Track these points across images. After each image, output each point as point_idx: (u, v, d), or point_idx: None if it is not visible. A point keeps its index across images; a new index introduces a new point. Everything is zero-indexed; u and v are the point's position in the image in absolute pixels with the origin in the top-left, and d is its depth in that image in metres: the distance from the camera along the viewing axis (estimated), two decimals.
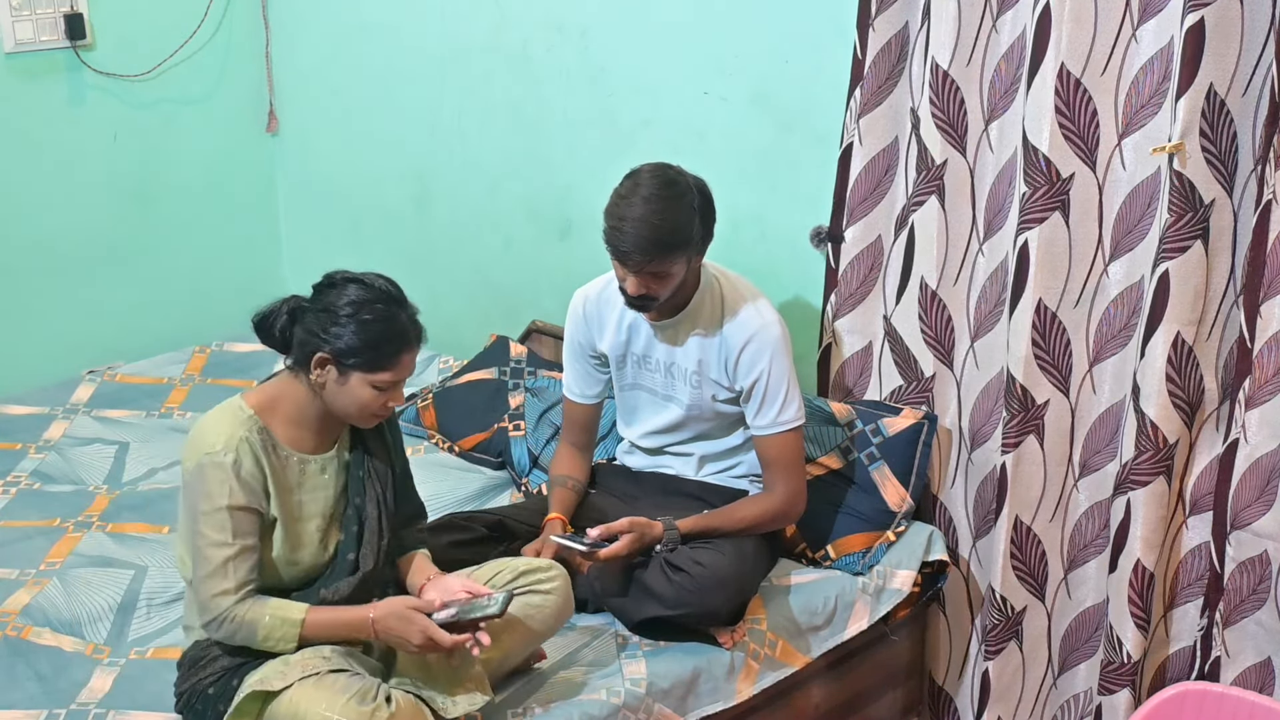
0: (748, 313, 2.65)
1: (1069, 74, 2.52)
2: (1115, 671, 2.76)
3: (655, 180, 2.53)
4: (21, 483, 3.19)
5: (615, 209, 2.52)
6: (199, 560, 2.21)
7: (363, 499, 2.32)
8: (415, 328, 2.25)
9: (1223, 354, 2.59)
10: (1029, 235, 2.62)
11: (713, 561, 2.54)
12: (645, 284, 2.54)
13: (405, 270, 4.02)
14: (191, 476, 2.21)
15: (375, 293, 2.21)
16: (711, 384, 2.69)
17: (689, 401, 2.72)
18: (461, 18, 3.65)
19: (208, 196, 4.16)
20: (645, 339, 2.73)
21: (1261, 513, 2.53)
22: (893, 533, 2.85)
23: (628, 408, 2.85)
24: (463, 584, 2.30)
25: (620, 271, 2.56)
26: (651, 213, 2.48)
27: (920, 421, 2.89)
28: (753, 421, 2.67)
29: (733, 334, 2.64)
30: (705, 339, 2.67)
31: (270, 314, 2.24)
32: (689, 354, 2.69)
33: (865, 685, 2.95)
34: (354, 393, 2.21)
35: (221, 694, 2.24)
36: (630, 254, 2.49)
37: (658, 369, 2.74)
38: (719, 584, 2.53)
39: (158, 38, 3.92)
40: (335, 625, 2.24)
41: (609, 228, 2.52)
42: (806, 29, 2.98)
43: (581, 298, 2.80)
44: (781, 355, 2.64)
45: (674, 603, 2.52)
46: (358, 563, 2.31)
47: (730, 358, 2.64)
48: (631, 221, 2.48)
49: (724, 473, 2.80)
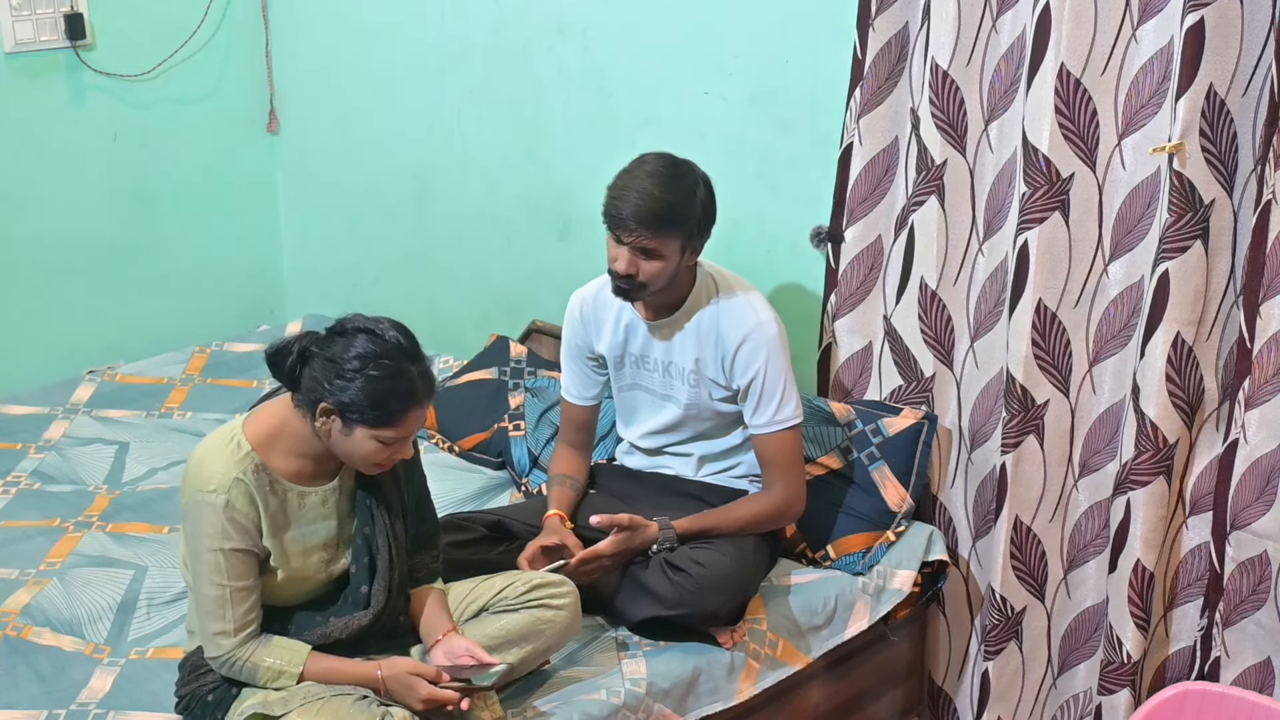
0: (743, 311, 2.65)
1: (1069, 74, 2.52)
2: (1115, 671, 2.76)
3: (662, 160, 2.57)
4: (21, 483, 3.19)
5: (618, 181, 2.55)
6: (197, 592, 2.21)
7: (372, 529, 2.29)
8: (426, 384, 2.17)
9: (1223, 354, 2.59)
10: (1029, 235, 2.62)
11: (712, 561, 2.54)
12: (635, 263, 2.53)
13: (405, 270, 4.08)
14: (188, 509, 2.20)
15: (385, 346, 2.13)
16: (709, 383, 2.69)
17: (687, 400, 2.72)
18: (461, 17, 3.65)
19: (208, 196, 4.15)
20: (642, 339, 2.73)
21: (1261, 513, 2.53)
22: (893, 533, 2.85)
23: (626, 408, 2.84)
24: (468, 647, 2.28)
25: (613, 251, 2.56)
26: (654, 185, 2.51)
27: (920, 421, 2.89)
28: (750, 420, 2.67)
29: (729, 332, 2.64)
30: (702, 337, 2.67)
31: (283, 349, 2.17)
32: (686, 353, 2.68)
33: (865, 685, 2.95)
34: (358, 445, 2.16)
35: (221, 701, 2.25)
36: (626, 221, 2.50)
37: (655, 368, 2.74)
38: (719, 584, 2.53)
39: (158, 38, 3.92)
40: (339, 676, 2.22)
41: (609, 198, 2.54)
42: (806, 29, 2.98)
43: (579, 300, 2.80)
44: (778, 353, 2.64)
45: (673, 603, 2.52)
46: (370, 597, 2.29)
47: (727, 356, 2.64)
48: (633, 191, 2.51)
49: (724, 473, 2.80)
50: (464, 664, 2.24)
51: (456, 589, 2.43)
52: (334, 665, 2.23)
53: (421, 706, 2.19)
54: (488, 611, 2.39)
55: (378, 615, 2.29)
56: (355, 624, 2.28)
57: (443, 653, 2.29)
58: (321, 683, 2.21)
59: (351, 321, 2.17)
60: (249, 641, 2.20)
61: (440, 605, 2.36)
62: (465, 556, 2.54)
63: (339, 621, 2.28)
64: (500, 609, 2.38)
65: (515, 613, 2.37)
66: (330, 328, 2.19)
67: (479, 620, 2.38)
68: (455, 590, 2.42)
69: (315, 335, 2.18)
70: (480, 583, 2.44)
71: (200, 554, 2.17)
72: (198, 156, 4.11)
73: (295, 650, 2.22)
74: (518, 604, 2.38)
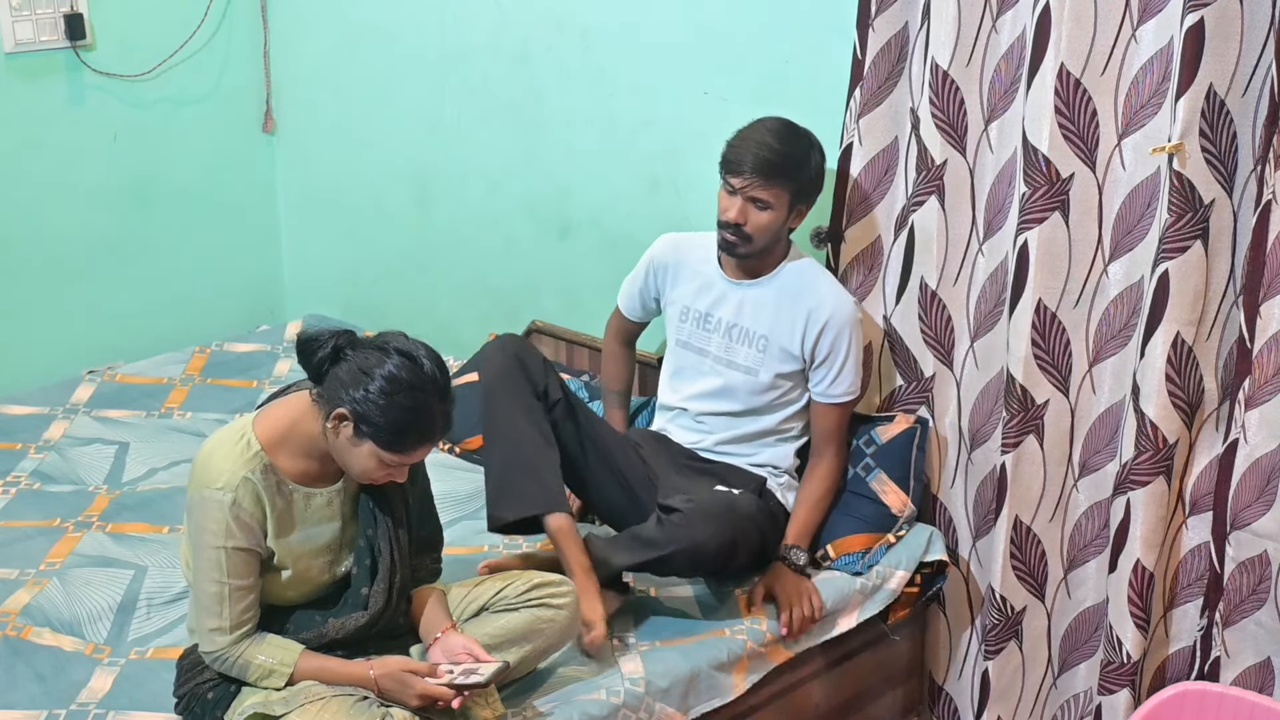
0: (833, 286, 2.81)
1: (1069, 74, 2.52)
2: (1115, 671, 2.76)
3: (781, 121, 2.71)
4: (21, 483, 3.19)
5: (738, 133, 2.70)
6: (196, 588, 2.21)
7: (375, 531, 2.29)
8: (445, 424, 2.16)
9: (1222, 354, 2.59)
10: (1029, 235, 2.62)
11: (702, 498, 2.62)
12: (746, 211, 2.66)
13: (405, 270, 4.08)
14: (193, 504, 2.20)
15: (419, 376, 2.11)
16: (779, 351, 2.77)
17: (748, 365, 2.79)
18: (461, 18, 3.65)
19: (207, 196, 4.15)
20: (714, 297, 2.82)
21: (1261, 513, 2.53)
22: (893, 535, 2.86)
23: (674, 366, 2.92)
24: (465, 644, 2.28)
25: (724, 202, 2.68)
26: (772, 138, 2.66)
27: (912, 427, 2.90)
28: (826, 390, 2.80)
29: (821, 303, 2.76)
30: (785, 306, 2.77)
31: (316, 339, 2.15)
32: (760, 319, 2.78)
33: (865, 685, 2.95)
34: (361, 458, 2.15)
35: (220, 699, 2.25)
36: (742, 166, 2.64)
37: (717, 329, 2.82)
38: (710, 516, 2.58)
39: (158, 38, 3.92)
40: (330, 675, 2.22)
41: (728, 147, 2.68)
42: (806, 29, 2.98)
43: (668, 243, 2.93)
44: (860, 331, 2.82)
45: (664, 541, 2.56)
46: (369, 599, 2.29)
47: (814, 325, 2.75)
48: (752, 141, 2.66)
49: (742, 458, 2.85)
50: (462, 661, 2.24)
51: (456, 589, 2.43)
52: (326, 665, 2.23)
53: (417, 703, 2.19)
54: (488, 611, 2.39)
55: (376, 617, 2.29)
56: (352, 624, 2.28)
57: (441, 651, 2.29)
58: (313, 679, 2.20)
59: (394, 340, 2.15)
60: (243, 640, 2.20)
61: (439, 605, 2.36)
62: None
63: (336, 622, 2.28)
64: (500, 608, 2.38)
65: (515, 612, 2.37)
66: (371, 337, 2.18)
67: (479, 619, 2.38)
68: (455, 590, 2.43)
69: (352, 336, 2.16)
70: (480, 582, 2.44)
71: (202, 549, 2.17)
72: (198, 157, 4.11)
73: (287, 649, 2.22)
74: (518, 603, 2.38)
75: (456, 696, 2.18)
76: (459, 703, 2.19)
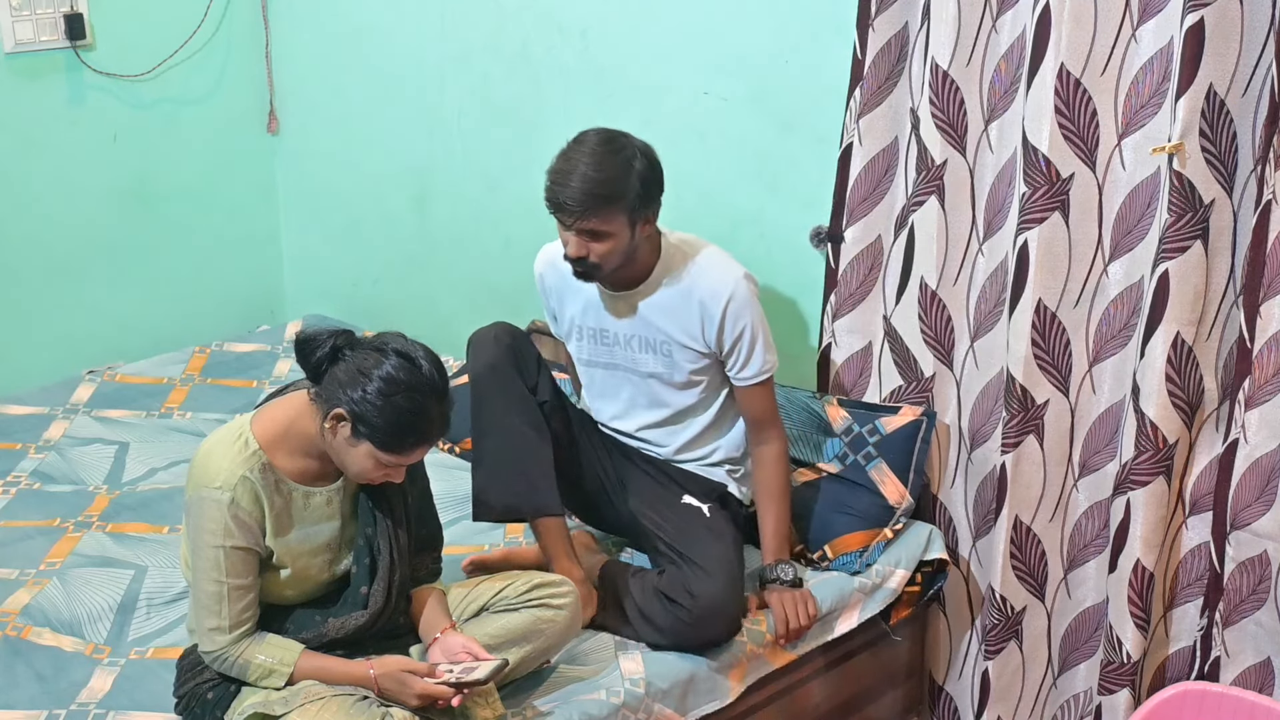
0: (719, 271, 2.65)
1: (1069, 74, 2.52)
2: (1115, 671, 2.76)
3: (597, 137, 2.55)
4: (21, 483, 3.19)
5: (555, 165, 2.54)
6: (195, 587, 2.21)
7: (374, 530, 2.29)
8: (442, 425, 2.17)
9: (1222, 354, 2.59)
10: (1029, 235, 2.62)
11: (705, 591, 2.53)
12: (585, 245, 2.53)
13: (405, 270, 4.08)
14: (192, 503, 2.20)
15: (417, 377, 2.12)
16: (683, 350, 2.68)
17: (658, 371, 2.71)
18: (461, 18, 3.65)
19: (208, 197, 4.15)
20: (601, 312, 2.72)
21: (1261, 513, 2.53)
22: (890, 530, 2.85)
23: (596, 390, 2.84)
24: (465, 644, 2.28)
25: (562, 235, 2.57)
26: (589, 166, 2.49)
27: (919, 419, 2.88)
28: (741, 374, 2.68)
29: (712, 296, 2.63)
30: (677, 305, 2.65)
31: (315, 339, 2.16)
32: (654, 323, 2.67)
33: (865, 685, 2.95)
34: (358, 458, 2.15)
35: (220, 699, 2.25)
36: (567, 205, 2.50)
37: (615, 341, 2.73)
38: (715, 614, 2.54)
39: (158, 38, 3.92)
40: (330, 675, 2.22)
41: (548, 184, 2.53)
42: (806, 29, 2.98)
43: (547, 258, 2.78)
44: (756, 304, 2.66)
45: (672, 635, 2.53)
46: (369, 598, 2.29)
47: (713, 319, 2.63)
48: (573, 175, 2.49)
49: (698, 462, 2.80)
50: (461, 660, 2.24)
51: (456, 589, 2.43)
52: (326, 664, 2.23)
53: (416, 703, 2.19)
54: (488, 611, 2.39)
55: (375, 616, 2.29)
56: (352, 624, 2.28)
57: (440, 650, 2.29)
58: (312, 678, 2.20)
59: (392, 340, 2.16)
60: (243, 639, 2.20)
61: (439, 604, 2.37)
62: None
63: (336, 622, 2.28)
64: (500, 608, 2.39)
65: (515, 612, 2.38)
66: (370, 337, 2.18)
67: (479, 619, 2.39)
68: (455, 590, 2.43)
69: (350, 336, 2.17)
70: (480, 582, 2.45)
71: (201, 549, 2.18)
72: (197, 157, 4.11)
73: (287, 649, 2.22)
74: (518, 603, 2.38)
75: (456, 694, 2.18)
76: (459, 701, 2.20)
